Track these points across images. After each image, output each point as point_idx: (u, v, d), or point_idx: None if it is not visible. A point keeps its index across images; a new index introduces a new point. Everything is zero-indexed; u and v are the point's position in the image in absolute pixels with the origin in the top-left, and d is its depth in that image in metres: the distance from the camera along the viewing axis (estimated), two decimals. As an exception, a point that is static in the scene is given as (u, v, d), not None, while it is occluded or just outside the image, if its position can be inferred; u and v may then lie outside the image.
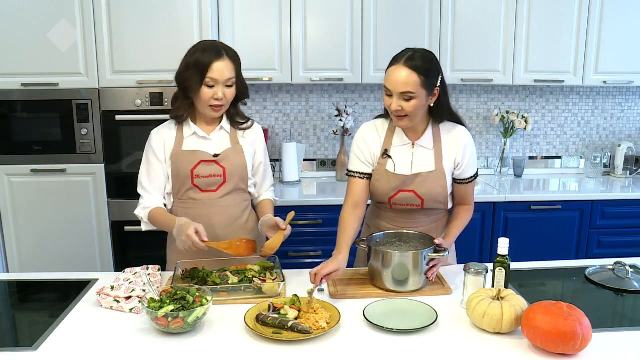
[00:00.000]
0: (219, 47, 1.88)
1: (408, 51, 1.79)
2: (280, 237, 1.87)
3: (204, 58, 1.84)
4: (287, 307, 1.56)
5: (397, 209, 1.96)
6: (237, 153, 1.98)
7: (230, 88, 1.89)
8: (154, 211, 1.92)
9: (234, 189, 1.99)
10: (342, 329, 1.53)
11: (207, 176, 1.94)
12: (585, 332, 1.35)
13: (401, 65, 1.75)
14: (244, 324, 1.52)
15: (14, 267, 3.02)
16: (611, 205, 3.13)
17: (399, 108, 1.77)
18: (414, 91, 1.74)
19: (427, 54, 1.80)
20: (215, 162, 1.94)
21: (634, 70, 3.28)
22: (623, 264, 1.89)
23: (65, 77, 2.86)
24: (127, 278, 1.81)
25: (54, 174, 2.94)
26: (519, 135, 3.69)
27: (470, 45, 3.16)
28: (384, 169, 1.92)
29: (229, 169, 1.95)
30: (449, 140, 1.90)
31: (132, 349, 1.44)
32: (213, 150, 1.95)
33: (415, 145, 1.91)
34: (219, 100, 1.87)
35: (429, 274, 1.77)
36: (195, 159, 1.93)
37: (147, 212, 1.92)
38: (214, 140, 1.97)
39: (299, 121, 3.55)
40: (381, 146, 1.94)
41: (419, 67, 1.74)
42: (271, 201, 2.10)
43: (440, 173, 1.89)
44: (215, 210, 1.97)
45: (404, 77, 1.73)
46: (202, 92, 1.85)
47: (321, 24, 3.09)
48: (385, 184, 1.91)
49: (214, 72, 1.84)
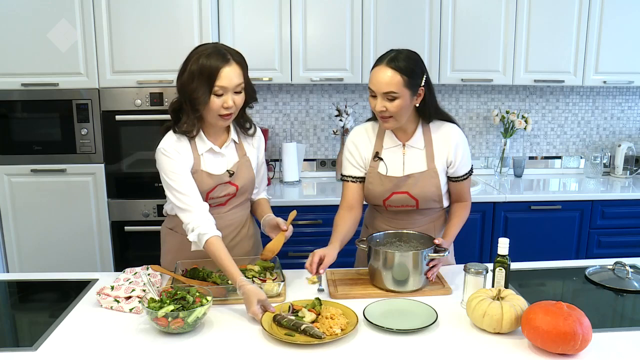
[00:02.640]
0: (224, 51, 1.73)
1: (392, 52, 1.80)
2: (281, 239, 1.86)
3: (210, 65, 1.69)
4: (305, 310, 1.55)
5: (393, 211, 1.96)
6: (247, 167, 1.92)
7: (239, 94, 1.76)
8: (214, 242, 1.70)
9: (242, 201, 1.97)
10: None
11: (221, 196, 1.89)
12: (585, 332, 1.35)
13: (384, 65, 1.76)
14: (246, 324, 1.52)
15: (14, 267, 3.02)
16: (611, 205, 3.13)
17: (383, 109, 1.78)
18: (397, 91, 1.74)
19: (411, 54, 1.81)
20: (229, 182, 1.88)
21: (634, 70, 3.28)
22: (623, 264, 1.89)
23: (65, 77, 2.85)
24: (127, 278, 1.81)
25: (54, 174, 2.94)
26: (519, 135, 3.69)
27: (470, 45, 3.16)
28: (376, 172, 1.92)
29: (241, 185, 1.90)
30: (440, 139, 1.90)
31: (132, 349, 1.44)
32: (225, 166, 1.88)
33: (406, 146, 1.91)
34: (228, 108, 1.74)
35: (429, 274, 1.77)
36: (213, 182, 1.84)
37: (203, 239, 1.70)
38: (226, 155, 1.90)
39: (299, 121, 3.55)
40: (372, 149, 1.94)
41: (401, 67, 1.74)
42: (267, 200, 2.09)
43: (433, 172, 1.89)
44: (222, 223, 1.87)
45: (386, 78, 1.74)
46: (211, 102, 1.72)
47: (321, 24, 3.09)
48: (379, 186, 1.91)
49: (222, 80, 1.70)
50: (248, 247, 2.03)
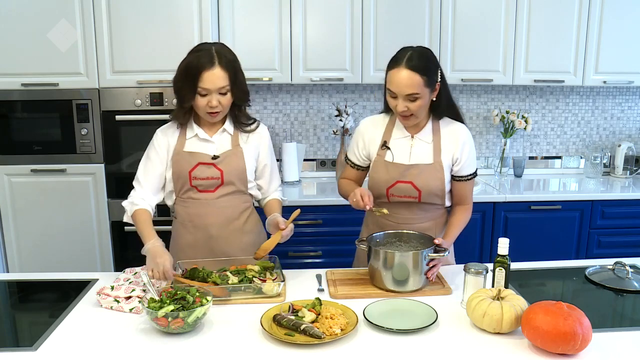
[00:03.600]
0: (213, 54, 1.81)
1: (406, 51, 1.80)
2: (277, 238, 1.87)
3: (194, 66, 1.80)
4: (305, 310, 1.55)
5: (395, 202, 1.96)
6: (237, 156, 1.96)
7: (224, 95, 1.85)
8: (140, 212, 1.90)
9: (232, 190, 1.98)
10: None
11: (204, 178, 1.93)
12: (585, 332, 1.35)
13: (403, 67, 1.77)
14: (246, 324, 1.52)
15: (14, 267, 3.02)
16: (611, 205, 3.13)
17: (405, 109, 1.81)
18: (419, 92, 1.78)
19: (425, 51, 1.84)
20: (213, 164, 1.93)
21: (634, 70, 3.28)
22: (623, 264, 1.89)
23: (65, 77, 2.86)
24: (127, 278, 1.82)
25: (54, 174, 2.94)
26: (519, 135, 3.69)
27: (470, 45, 3.16)
28: (383, 160, 1.95)
29: (226, 171, 1.94)
30: (448, 135, 1.93)
31: (132, 349, 1.44)
32: (213, 152, 1.94)
33: (414, 137, 1.94)
34: (213, 107, 1.84)
35: (429, 274, 1.77)
36: (194, 160, 1.93)
37: (133, 208, 1.91)
38: (216, 142, 1.96)
39: (299, 121, 3.55)
40: (380, 139, 1.97)
41: (420, 67, 1.77)
42: (278, 201, 2.10)
43: (438, 166, 1.91)
44: (211, 211, 1.96)
45: (407, 80, 1.77)
46: (196, 100, 1.84)
47: (321, 24, 3.09)
48: (384, 174, 1.94)
49: (204, 82, 1.80)
50: (239, 242, 2.02)
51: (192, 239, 1.99)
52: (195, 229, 1.98)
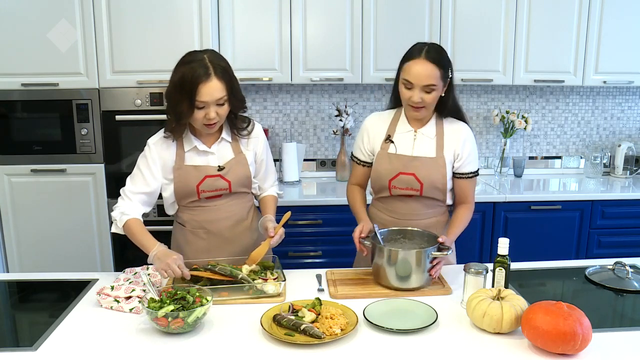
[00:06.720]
0: (207, 65, 1.74)
1: (423, 45, 1.87)
2: (265, 247, 1.86)
3: (189, 80, 1.72)
4: (305, 309, 1.55)
5: (397, 195, 1.97)
6: (241, 163, 1.94)
7: (222, 106, 1.79)
8: (133, 222, 1.82)
9: (238, 193, 1.98)
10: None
11: (212, 190, 1.91)
12: (585, 332, 1.35)
13: (423, 58, 1.82)
14: (246, 324, 1.52)
15: (14, 267, 3.02)
16: (611, 205, 3.13)
17: (420, 100, 1.85)
18: (436, 83, 1.84)
19: (440, 47, 1.91)
20: (219, 176, 1.90)
21: (634, 70, 3.28)
22: (623, 264, 1.89)
23: (65, 77, 2.85)
24: (127, 278, 1.82)
25: (54, 174, 2.94)
26: (519, 135, 3.68)
27: (470, 45, 3.16)
28: (386, 153, 1.98)
29: (234, 181, 1.92)
30: (451, 131, 1.97)
31: (132, 349, 1.44)
32: (216, 163, 1.91)
33: (418, 132, 1.98)
34: (210, 120, 1.78)
35: (432, 271, 1.77)
36: (200, 174, 1.88)
37: (124, 219, 1.83)
38: (216, 153, 1.92)
39: (299, 121, 3.55)
40: (385, 133, 2.00)
41: (438, 60, 1.83)
42: (274, 197, 2.10)
43: (441, 160, 1.94)
44: (222, 215, 1.96)
45: (427, 71, 1.82)
46: (194, 114, 1.77)
47: (321, 24, 3.09)
48: (387, 165, 1.96)
49: (202, 95, 1.73)
50: (250, 240, 2.02)
51: (205, 245, 1.97)
52: (209, 234, 1.97)
